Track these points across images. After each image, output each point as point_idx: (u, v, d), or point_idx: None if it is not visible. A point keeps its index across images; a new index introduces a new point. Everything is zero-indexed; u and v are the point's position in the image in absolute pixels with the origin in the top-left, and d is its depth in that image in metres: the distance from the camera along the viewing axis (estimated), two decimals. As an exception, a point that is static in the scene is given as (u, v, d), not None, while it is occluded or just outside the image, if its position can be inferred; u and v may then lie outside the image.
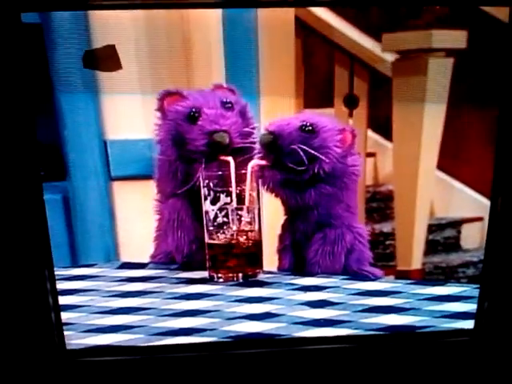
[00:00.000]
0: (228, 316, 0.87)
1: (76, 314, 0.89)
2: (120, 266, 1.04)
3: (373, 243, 1.01)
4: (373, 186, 1.17)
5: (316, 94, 1.12)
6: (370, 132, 1.15)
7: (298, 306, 0.89)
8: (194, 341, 0.84)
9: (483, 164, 0.90)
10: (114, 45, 0.98)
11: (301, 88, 1.08)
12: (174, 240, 0.98)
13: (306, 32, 1.08)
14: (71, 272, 1.02)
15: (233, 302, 0.90)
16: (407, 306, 0.89)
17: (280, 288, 0.94)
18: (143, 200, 1.03)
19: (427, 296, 0.92)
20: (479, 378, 0.93)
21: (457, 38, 1.04)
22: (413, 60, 1.10)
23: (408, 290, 0.94)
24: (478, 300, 0.90)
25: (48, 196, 0.86)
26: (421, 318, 0.87)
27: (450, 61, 1.07)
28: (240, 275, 0.96)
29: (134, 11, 0.97)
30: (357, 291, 0.93)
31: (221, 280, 0.96)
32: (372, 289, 0.94)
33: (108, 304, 0.91)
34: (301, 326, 0.86)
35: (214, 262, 0.96)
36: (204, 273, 0.97)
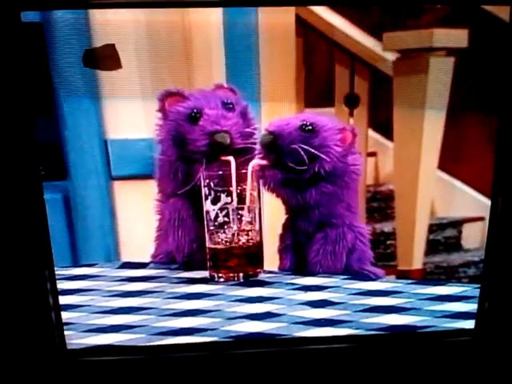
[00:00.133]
0: (229, 316, 0.87)
1: (77, 314, 0.89)
2: (121, 266, 1.04)
3: (374, 243, 1.01)
4: (374, 186, 1.17)
5: (317, 94, 1.12)
6: (371, 131, 1.15)
7: (299, 306, 0.89)
8: (195, 340, 0.84)
9: (484, 164, 0.90)
10: (114, 44, 0.97)
11: (301, 87, 1.08)
12: (175, 240, 0.98)
13: (307, 31, 1.08)
14: (72, 272, 1.02)
15: (233, 302, 0.90)
16: (408, 306, 0.89)
17: (281, 288, 0.94)
18: (144, 199, 1.03)
19: (428, 296, 0.92)
20: (480, 378, 0.93)
21: (458, 37, 1.04)
22: (414, 59, 1.10)
23: (409, 290, 0.94)
24: (479, 300, 0.90)
25: (48, 195, 0.86)
26: (422, 318, 0.87)
27: (451, 60, 1.07)
28: (241, 275, 0.96)
29: (135, 13, 0.97)
30: (357, 291, 0.93)
31: (221, 280, 0.96)
32: (373, 288, 0.94)
33: (109, 304, 0.91)
34: (301, 326, 0.86)
35: (215, 262, 0.96)
36: (205, 272, 0.97)
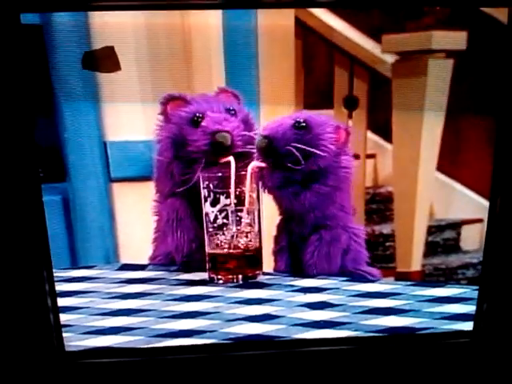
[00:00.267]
0: (228, 318, 0.87)
1: (76, 316, 0.88)
2: (120, 268, 1.04)
3: (372, 245, 1.01)
4: (373, 188, 1.17)
5: (316, 96, 1.12)
6: (370, 133, 1.15)
7: (298, 308, 0.89)
8: (194, 342, 0.84)
9: (483, 165, 0.90)
10: (113, 46, 0.98)
11: (300, 89, 1.08)
12: (174, 240, 0.98)
13: (306, 33, 1.08)
14: (71, 274, 1.02)
15: (232, 304, 0.90)
16: (407, 308, 0.89)
17: (280, 289, 0.94)
18: (143, 201, 1.03)
19: (427, 297, 0.92)
20: (478, 380, 0.93)
21: (457, 39, 1.04)
22: (413, 61, 1.10)
23: (408, 292, 0.94)
24: (477, 302, 0.90)
25: (48, 197, 0.86)
26: (421, 320, 0.87)
27: (450, 62, 1.07)
28: (240, 277, 0.96)
29: (135, 17, 0.97)
30: (356, 293, 0.93)
31: (220, 281, 0.96)
32: (372, 290, 0.94)
33: (108, 306, 0.91)
34: (300, 328, 0.86)
35: (214, 264, 0.96)
36: (204, 274, 0.97)
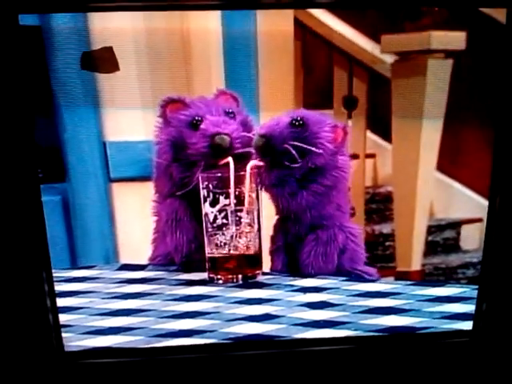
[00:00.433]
0: (228, 317, 0.87)
1: (75, 316, 0.88)
2: (119, 268, 1.04)
3: (372, 244, 1.01)
4: (372, 187, 1.18)
5: (315, 96, 1.12)
6: (370, 133, 1.15)
7: (298, 308, 0.89)
8: (194, 342, 0.84)
9: (482, 165, 0.90)
10: (111, 46, 0.98)
11: (300, 90, 1.09)
12: (173, 240, 0.98)
13: (306, 34, 1.08)
14: (70, 274, 1.02)
15: (232, 304, 0.90)
16: (407, 307, 0.89)
17: (279, 289, 0.94)
18: (142, 201, 1.03)
19: (427, 297, 0.92)
20: (478, 379, 0.93)
21: (456, 40, 1.04)
22: (412, 61, 1.10)
23: (408, 291, 0.94)
24: (477, 301, 0.90)
25: (47, 197, 0.86)
26: (421, 319, 0.87)
27: (449, 62, 1.07)
28: (239, 277, 0.96)
29: (135, 20, 0.97)
30: (356, 292, 0.93)
31: (220, 281, 0.96)
32: (372, 290, 0.94)
33: (107, 306, 0.91)
34: (300, 328, 0.86)
35: (214, 264, 0.96)
36: (203, 274, 0.97)
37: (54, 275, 0.88)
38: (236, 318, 0.87)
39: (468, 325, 0.89)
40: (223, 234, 0.95)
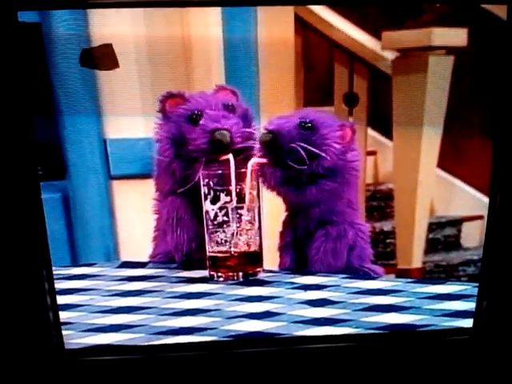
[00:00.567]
0: (228, 315, 0.87)
1: (76, 314, 0.88)
2: (120, 265, 1.04)
3: (373, 242, 1.01)
4: (373, 185, 1.17)
5: (316, 93, 1.12)
6: (370, 130, 1.15)
7: (299, 305, 0.89)
8: (195, 340, 0.84)
9: (483, 162, 0.90)
10: (111, 43, 0.98)
11: (300, 87, 1.08)
12: (174, 238, 0.98)
13: (306, 30, 1.08)
14: (71, 271, 1.02)
15: (233, 301, 0.90)
16: (408, 305, 0.89)
17: (280, 287, 0.94)
18: (143, 199, 1.03)
19: (428, 294, 0.92)
20: (478, 377, 0.93)
21: (457, 36, 1.04)
22: (413, 58, 1.10)
23: (408, 289, 0.94)
24: (477, 298, 0.90)
25: (47, 195, 0.86)
26: (421, 317, 0.87)
27: (451, 58, 1.07)
28: (240, 274, 0.96)
29: (134, 17, 0.97)
30: (357, 290, 0.93)
31: (221, 279, 0.96)
32: (372, 287, 0.94)
33: (108, 303, 0.91)
34: (301, 325, 0.86)
35: (214, 261, 0.96)
36: (204, 272, 0.97)
37: (55, 273, 0.88)
38: (236, 316, 0.87)
39: (468, 322, 0.89)
40: (224, 232, 0.95)
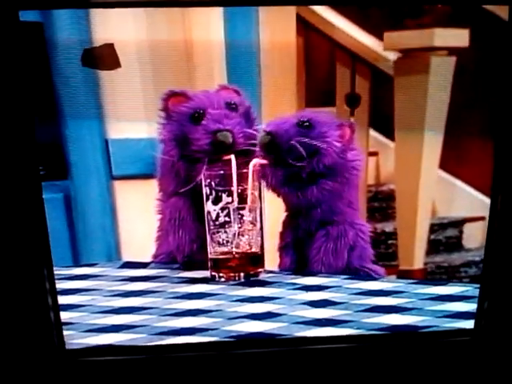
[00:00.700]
0: (230, 316, 0.87)
1: (78, 314, 0.89)
2: (122, 266, 1.04)
3: (375, 243, 1.01)
4: (375, 186, 1.17)
5: (318, 93, 1.12)
6: (372, 131, 1.15)
7: (300, 306, 0.89)
8: (196, 340, 0.84)
9: (485, 163, 0.90)
10: (113, 43, 0.98)
11: (302, 87, 1.08)
12: (175, 239, 0.98)
13: (308, 31, 1.08)
14: (73, 271, 1.02)
15: (234, 302, 0.90)
16: (409, 306, 0.89)
17: (281, 288, 0.94)
18: (145, 199, 1.03)
19: (429, 296, 0.92)
20: (479, 378, 0.93)
21: (459, 37, 1.04)
22: (415, 59, 1.10)
23: (410, 290, 0.94)
24: (478, 300, 0.90)
25: (49, 195, 0.86)
26: (423, 318, 0.87)
27: (453, 59, 1.07)
28: (242, 275, 0.96)
29: (136, 16, 0.97)
30: (359, 291, 0.93)
31: (222, 279, 0.96)
32: (374, 288, 0.94)
33: (110, 303, 0.91)
34: (302, 326, 0.86)
35: (216, 262, 0.96)
36: (206, 272, 0.97)
37: (57, 273, 0.88)
38: (238, 316, 0.87)
39: (470, 324, 0.89)
40: (225, 232, 0.95)
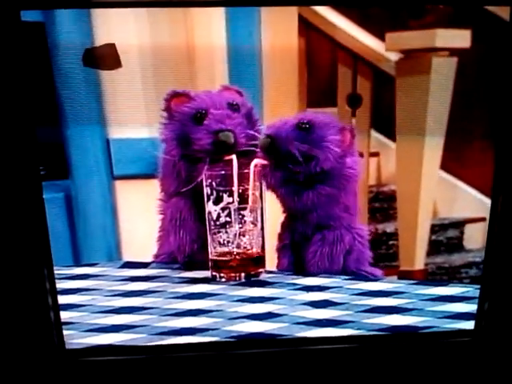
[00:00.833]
0: (230, 316, 0.87)
1: (78, 314, 0.89)
2: (122, 266, 1.04)
3: (376, 243, 1.01)
4: (376, 186, 1.17)
5: (319, 94, 1.12)
6: (374, 132, 1.15)
7: (301, 306, 0.89)
8: (197, 340, 0.84)
9: (487, 164, 0.90)
10: (114, 43, 0.98)
11: (304, 88, 1.08)
12: (176, 239, 0.98)
13: (310, 31, 1.08)
14: (73, 271, 1.02)
15: (235, 302, 0.90)
16: (410, 307, 0.89)
17: (282, 288, 0.94)
18: (145, 199, 1.03)
19: (430, 296, 0.92)
20: (480, 379, 0.93)
21: (460, 38, 1.03)
22: (416, 59, 1.09)
23: (411, 291, 0.94)
24: (479, 300, 0.90)
25: (50, 194, 0.86)
26: (423, 319, 0.87)
27: (454, 60, 1.06)
28: (242, 275, 0.96)
29: (138, 15, 0.97)
30: (359, 291, 0.93)
31: (223, 280, 0.96)
32: (375, 289, 0.94)
33: (110, 303, 0.91)
34: (303, 326, 0.86)
35: (217, 262, 0.96)
36: (206, 272, 0.97)
37: (57, 272, 0.88)
38: (238, 317, 0.87)
39: (470, 324, 0.89)
40: (226, 232, 0.95)
